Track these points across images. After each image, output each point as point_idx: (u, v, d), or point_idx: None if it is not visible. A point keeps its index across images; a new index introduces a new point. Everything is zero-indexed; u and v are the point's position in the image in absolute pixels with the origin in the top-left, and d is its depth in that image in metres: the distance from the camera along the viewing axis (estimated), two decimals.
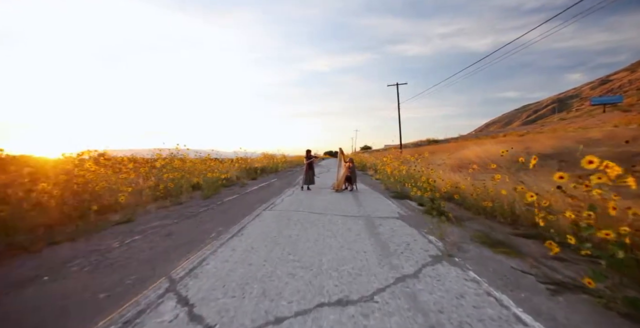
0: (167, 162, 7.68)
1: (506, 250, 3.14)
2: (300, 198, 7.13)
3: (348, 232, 3.99)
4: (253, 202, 6.56)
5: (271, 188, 9.39)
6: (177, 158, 8.39)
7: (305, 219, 4.82)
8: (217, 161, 13.59)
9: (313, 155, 9.24)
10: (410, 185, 6.35)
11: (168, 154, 9.15)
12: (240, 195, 7.61)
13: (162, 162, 7.50)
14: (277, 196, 7.54)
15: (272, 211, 5.54)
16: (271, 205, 6.12)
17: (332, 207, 5.94)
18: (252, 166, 14.13)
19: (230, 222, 4.61)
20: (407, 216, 5.08)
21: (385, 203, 6.50)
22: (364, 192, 8.38)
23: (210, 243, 3.49)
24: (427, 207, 5.34)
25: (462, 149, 15.17)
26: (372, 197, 7.39)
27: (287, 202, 6.57)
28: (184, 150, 8.93)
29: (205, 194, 7.15)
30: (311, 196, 7.62)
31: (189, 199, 6.80)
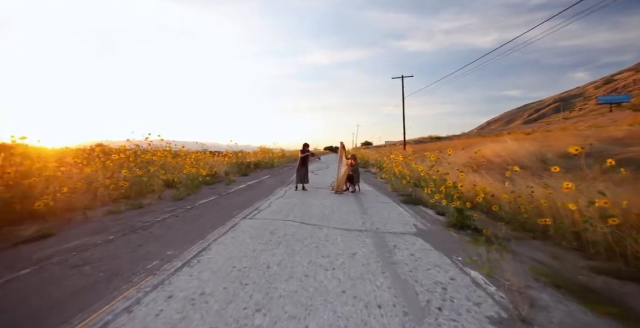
0: (128, 155, 6.42)
1: (609, 308, 1.95)
2: (293, 202, 5.94)
3: (351, 260, 2.80)
4: (234, 205, 5.36)
5: (261, 187, 8.19)
6: (148, 150, 7.13)
7: (294, 235, 3.62)
8: (207, 154, 12.36)
9: (309, 151, 8.01)
10: (428, 189, 5.14)
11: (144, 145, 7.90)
12: (221, 196, 6.40)
13: (120, 156, 6.24)
14: (265, 198, 6.34)
15: (254, 220, 4.34)
16: (254, 212, 4.92)
17: (330, 216, 4.75)
18: (244, 161, 12.90)
19: (191, 238, 3.40)
20: (427, 232, 3.89)
21: (396, 210, 5.31)
22: (368, 195, 7.19)
23: (137, 286, 2.22)
24: (452, 219, 4.16)
25: (472, 146, 13.96)
26: (378, 202, 6.20)
27: (276, 207, 5.37)
28: (158, 142, 7.65)
29: (177, 194, 5.94)
30: (306, 198, 6.42)
31: (156, 201, 5.59)
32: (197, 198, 5.95)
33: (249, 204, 5.54)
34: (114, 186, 5.26)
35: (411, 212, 5.16)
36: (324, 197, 6.73)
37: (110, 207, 4.79)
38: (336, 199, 6.43)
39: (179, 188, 6.31)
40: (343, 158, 7.85)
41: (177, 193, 5.99)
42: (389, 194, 7.33)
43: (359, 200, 6.31)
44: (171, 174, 6.97)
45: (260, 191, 7.35)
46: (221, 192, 6.99)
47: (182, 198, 5.81)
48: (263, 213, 4.78)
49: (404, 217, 4.75)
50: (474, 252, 2.90)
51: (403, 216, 4.84)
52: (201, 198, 5.93)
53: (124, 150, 6.62)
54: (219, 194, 6.57)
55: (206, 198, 5.95)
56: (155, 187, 6.18)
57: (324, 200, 6.21)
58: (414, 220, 4.57)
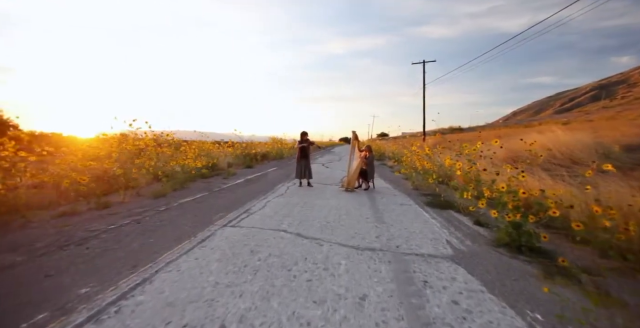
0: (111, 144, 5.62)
1: None
2: (293, 202, 4.95)
3: (358, 312, 1.77)
4: (220, 206, 4.45)
5: (261, 181, 7.27)
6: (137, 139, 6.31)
7: (282, 256, 2.63)
8: (207, 144, 11.61)
9: (309, 140, 6.92)
10: (468, 193, 3.93)
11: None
12: (211, 192, 5.52)
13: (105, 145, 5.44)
14: (262, 196, 5.39)
15: (237, 229, 3.39)
16: (242, 215, 3.97)
17: (335, 224, 3.72)
18: (250, 152, 12.06)
19: (134, 261, 2.45)
20: (469, 254, 2.77)
21: (421, 217, 4.19)
22: (385, 194, 6.07)
23: None
24: (502, 235, 3.00)
25: (502, 137, 12.27)
26: (397, 203, 5.08)
27: (271, 209, 4.41)
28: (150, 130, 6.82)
29: (160, 190, 5.10)
30: (309, 198, 5.41)
31: (131, 198, 4.77)
32: (181, 195, 5.10)
33: (239, 204, 4.61)
34: (85, 180, 4.48)
35: (440, 220, 4.02)
36: (332, 195, 5.69)
37: (72, 205, 4.01)
38: (346, 199, 5.37)
39: (166, 182, 5.49)
40: (356, 149, 6.72)
41: (160, 189, 5.16)
42: (409, 193, 6.17)
43: (373, 201, 5.22)
44: (162, 166, 6.13)
45: (258, 187, 6.43)
46: (214, 187, 6.13)
47: (164, 195, 4.98)
48: (252, 219, 3.82)
49: (432, 228, 3.63)
50: (554, 298, 1.79)
51: (431, 226, 3.72)
52: (186, 196, 5.08)
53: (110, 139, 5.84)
54: (210, 190, 5.70)
55: (191, 196, 5.08)
56: (137, 182, 5.39)
57: (330, 201, 5.17)
58: (446, 233, 3.44)
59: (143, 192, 5.09)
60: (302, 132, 6.92)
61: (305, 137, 6.90)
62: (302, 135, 6.91)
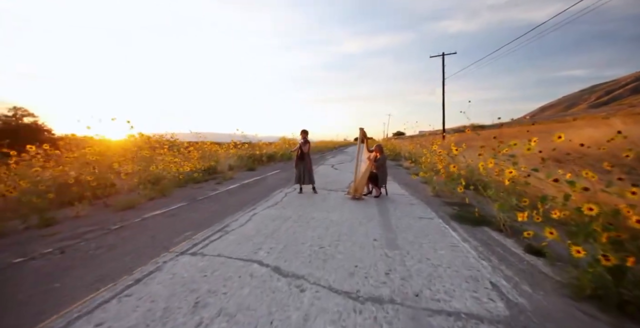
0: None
1: None
2: (285, 215, 4.04)
3: None
4: (193, 221, 3.61)
5: (258, 187, 6.42)
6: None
7: (237, 317, 1.72)
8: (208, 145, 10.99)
9: (308, 140, 5.97)
10: (527, 213, 2.82)
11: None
12: (192, 202, 4.71)
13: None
14: (250, 207, 4.53)
15: (196, 259, 2.52)
16: (215, 235, 3.11)
17: (331, 250, 2.77)
18: (254, 153, 11.31)
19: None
20: (538, 318, 1.73)
21: (448, 238, 3.15)
22: (399, 202, 5.03)
23: None
24: (585, 282, 1.93)
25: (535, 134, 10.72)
26: (415, 217, 4.05)
27: (254, 226, 3.52)
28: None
29: (131, 201, 4.34)
30: (307, 208, 4.49)
31: (93, 211, 4.04)
32: (153, 207, 4.32)
33: (218, 219, 3.76)
34: (42, 189, 3.82)
35: (475, 244, 2.97)
36: (335, 205, 4.73)
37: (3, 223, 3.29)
38: (351, 210, 4.40)
39: (143, 190, 4.76)
40: (364, 150, 5.72)
41: (133, 199, 4.43)
42: (429, 202, 5.10)
43: (384, 213, 4.21)
44: (143, 171, 5.40)
45: (252, 194, 5.58)
46: (199, 194, 5.34)
47: (134, 206, 4.22)
48: (223, 241, 2.95)
49: (465, 257, 2.59)
50: None
51: (463, 253, 2.68)
52: (158, 207, 4.29)
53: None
54: (193, 199, 4.91)
55: (165, 207, 4.28)
56: (112, 189, 4.69)
57: (331, 213, 4.22)
58: (488, 267, 2.39)
59: (113, 201, 4.37)
60: (302, 131, 5.98)
61: (305, 136, 5.95)
62: (302, 133, 5.97)
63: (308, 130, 6.00)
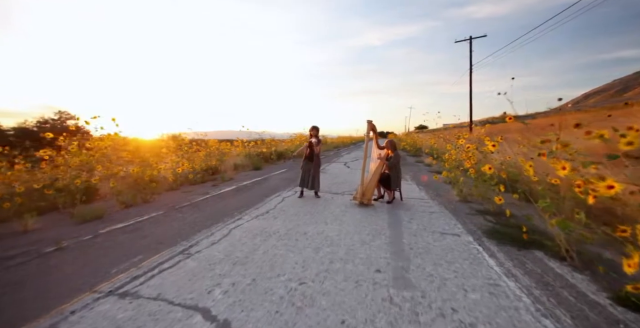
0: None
1: None
2: (271, 229, 3.30)
3: None
4: (153, 239, 2.96)
5: (255, 189, 5.75)
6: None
7: None
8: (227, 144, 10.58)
9: (319, 138, 5.15)
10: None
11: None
12: (168, 211, 4.08)
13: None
14: (235, 216, 3.85)
15: (122, 304, 1.85)
16: (169, 262, 2.44)
17: (314, 290, 1.98)
18: (262, 150, 10.72)
19: None
20: None
21: (483, 270, 2.24)
22: (416, 210, 4.11)
23: None
24: None
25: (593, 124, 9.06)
26: (436, 232, 3.14)
27: (227, 245, 2.82)
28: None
29: (101, 209, 3.79)
30: (301, 219, 3.72)
31: (49, 222, 3.49)
32: (122, 217, 3.69)
33: (188, 234, 3.09)
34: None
35: (525, 282, 2.04)
36: (337, 214, 3.92)
37: None
38: (354, 222, 3.56)
39: (124, 195, 4.23)
40: (373, 147, 4.83)
41: (104, 207, 3.91)
42: (455, 209, 4.13)
43: (396, 227, 3.34)
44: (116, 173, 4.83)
45: (244, 198, 4.91)
46: (185, 200, 4.74)
47: (101, 216, 3.64)
48: (174, 273, 2.25)
49: (512, 310, 1.69)
50: None
51: (508, 301, 1.77)
52: (126, 218, 3.60)
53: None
54: (174, 206, 4.30)
55: (133, 219, 3.58)
56: (91, 196, 4.22)
57: (329, 226, 3.41)
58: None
59: (83, 210, 3.85)
60: (312, 127, 5.17)
61: (315, 133, 5.14)
62: (311, 130, 5.17)
63: (319, 127, 5.20)
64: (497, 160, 5.12)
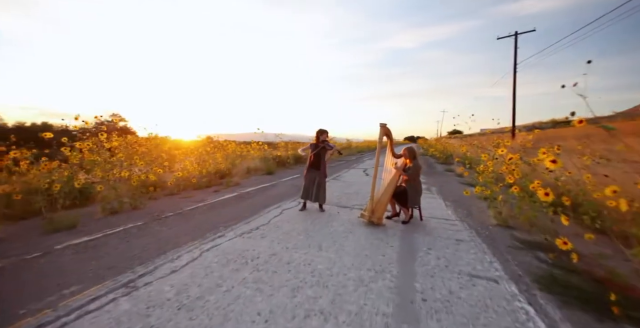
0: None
1: None
2: (251, 254, 2.71)
3: None
4: (104, 264, 2.49)
5: (257, 198, 5.23)
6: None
7: None
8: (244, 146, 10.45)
9: (328, 143, 4.47)
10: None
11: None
12: (150, 221, 3.62)
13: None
14: (214, 234, 3.32)
15: None
16: (94, 304, 1.94)
17: None
18: (277, 155, 10.31)
19: None
20: None
21: None
22: (438, 236, 3.26)
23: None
24: None
25: None
26: (463, 274, 2.31)
27: (180, 282, 2.26)
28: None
29: (72, 220, 3.42)
30: (292, 241, 3.09)
31: (23, 230, 3.24)
32: (95, 227, 3.26)
33: (150, 256, 2.58)
34: None
35: None
36: (337, 236, 3.23)
37: None
38: (356, 249, 2.84)
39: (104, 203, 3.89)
40: (387, 156, 4.06)
41: (85, 213, 3.61)
42: (490, 236, 3.21)
43: (407, 260, 2.56)
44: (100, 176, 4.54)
45: (240, 208, 4.39)
46: (176, 208, 4.29)
47: (75, 226, 3.32)
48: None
49: None
50: None
51: None
52: (99, 229, 3.16)
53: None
54: (159, 215, 3.86)
55: (102, 231, 3.07)
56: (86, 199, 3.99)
57: (323, 253, 2.73)
58: None
59: (61, 217, 3.56)
60: (319, 131, 4.48)
61: (323, 136, 4.44)
62: (318, 134, 4.48)
63: (327, 130, 4.53)
64: (551, 175, 4.05)
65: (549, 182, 4.01)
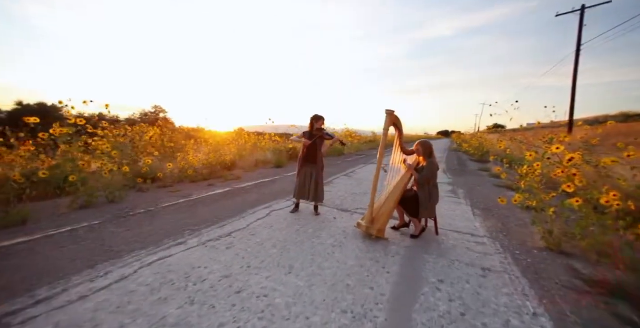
0: None
1: None
2: (197, 276, 2.11)
3: None
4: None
5: (250, 194, 4.65)
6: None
7: None
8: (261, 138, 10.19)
9: (325, 132, 3.68)
10: None
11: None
12: (105, 222, 3.13)
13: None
14: (172, 242, 2.77)
15: None
16: None
17: None
18: (289, 147, 9.73)
19: None
20: None
21: None
22: (457, 260, 2.40)
23: None
24: None
25: None
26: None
27: (73, 321, 1.74)
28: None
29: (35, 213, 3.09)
30: (258, 257, 2.44)
31: None
32: (42, 226, 2.85)
33: (55, 277, 2.08)
34: None
35: None
36: (318, 254, 2.52)
37: None
38: (337, 276, 2.11)
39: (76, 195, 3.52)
40: (396, 152, 3.19)
41: (54, 206, 3.30)
42: (535, 271, 2.26)
43: (407, 303, 1.77)
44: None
45: (221, 209, 3.82)
46: (152, 204, 3.83)
47: (25, 222, 2.93)
48: None
49: None
50: None
51: None
52: (34, 231, 2.67)
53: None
54: (118, 216, 3.39)
55: (37, 234, 2.57)
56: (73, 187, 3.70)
57: (289, 279, 2.05)
58: None
59: (16, 210, 3.25)
60: (314, 117, 3.71)
61: (320, 124, 3.69)
62: (312, 121, 3.73)
63: (323, 117, 3.76)
64: (628, 181, 2.91)
65: (628, 192, 2.88)
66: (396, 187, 3.01)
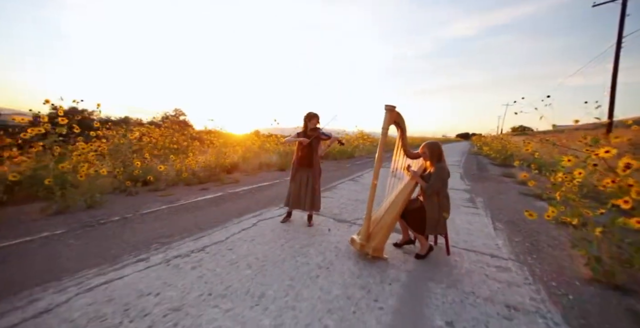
0: None
1: None
2: (140, 307, 1.71)
3: None
4: None
5: (241, 200, 4.28)
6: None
7: None
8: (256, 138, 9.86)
9: (321, 131, 3.23)
10: None
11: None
12: (72, 229, 2.89)
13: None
14: (118, 265, 2.43)
15: None
16: None
17: None
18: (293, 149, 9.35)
19: None
20: None
21: None
22: (474, 293, 1.86)
23: None
24: None
25: None
26: None
27: None
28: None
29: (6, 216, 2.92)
30: (231, 279, 2.03)
31: None
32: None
33: None
34: None
35: None
36: (298, 279, 2.07)
37: None
38: (315, 312, 1.66)
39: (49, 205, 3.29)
40: (398, 153, 2.68)
41: (28, 212, 3.08)
42: (588, 320, 1.67)
43: None
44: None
45: (204, 217, 3.46)
46: (129, 211, 3.50)
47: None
48: None
49: None
50: None
51: None
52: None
53: None
54: (86, 224, 3.13)
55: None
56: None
57: (252, 314, 1.61)
58: None
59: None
60: (308, 115, 3.25)
61: (313, 122, 3.26)
62: (306, 120, 3.30)
63: (318, 115, 3.33)
64: None
65: None
66: (397, 197, 2.51)
